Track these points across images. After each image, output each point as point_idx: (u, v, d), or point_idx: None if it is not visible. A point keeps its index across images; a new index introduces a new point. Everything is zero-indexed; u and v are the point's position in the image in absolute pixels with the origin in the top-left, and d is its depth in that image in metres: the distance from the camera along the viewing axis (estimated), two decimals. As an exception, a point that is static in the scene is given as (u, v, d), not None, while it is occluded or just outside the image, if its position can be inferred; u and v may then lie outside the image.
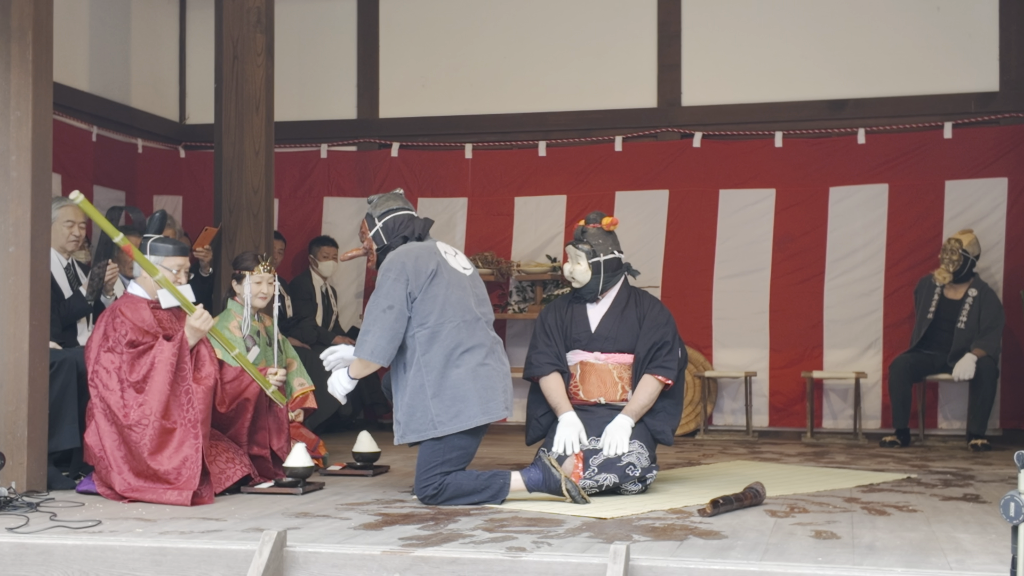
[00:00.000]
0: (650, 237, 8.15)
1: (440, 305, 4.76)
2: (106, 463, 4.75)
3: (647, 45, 8.28)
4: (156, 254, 5.02)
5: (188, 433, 4.74)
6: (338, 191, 8.68)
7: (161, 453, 4.72)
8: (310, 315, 7.91)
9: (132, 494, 4.69)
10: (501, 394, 4.80)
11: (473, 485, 4.68)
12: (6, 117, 4.91)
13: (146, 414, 4.73)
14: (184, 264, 5.08)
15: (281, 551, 3.59)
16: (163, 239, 5.07)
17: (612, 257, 5.26)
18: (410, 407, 4.74)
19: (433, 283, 4.77)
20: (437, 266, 4.82)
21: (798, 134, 8.02)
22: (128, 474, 4.73)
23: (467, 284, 4.90)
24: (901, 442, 7.27)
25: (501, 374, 4.84)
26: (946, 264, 7.28)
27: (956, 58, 7.79)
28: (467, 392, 4.71)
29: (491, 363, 4.82)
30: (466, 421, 4.70)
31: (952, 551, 3.68)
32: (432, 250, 4.88)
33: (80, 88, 7.77)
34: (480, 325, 4.85)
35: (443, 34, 8.60)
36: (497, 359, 4.86)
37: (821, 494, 5.02)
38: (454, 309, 4.78)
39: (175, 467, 4.70)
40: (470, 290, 4.90)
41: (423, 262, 4.79)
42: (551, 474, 4.67)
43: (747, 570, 3.40)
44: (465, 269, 4.96)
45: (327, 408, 6.94)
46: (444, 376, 4.72)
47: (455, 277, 4.86)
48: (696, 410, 7.94)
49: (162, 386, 4.75)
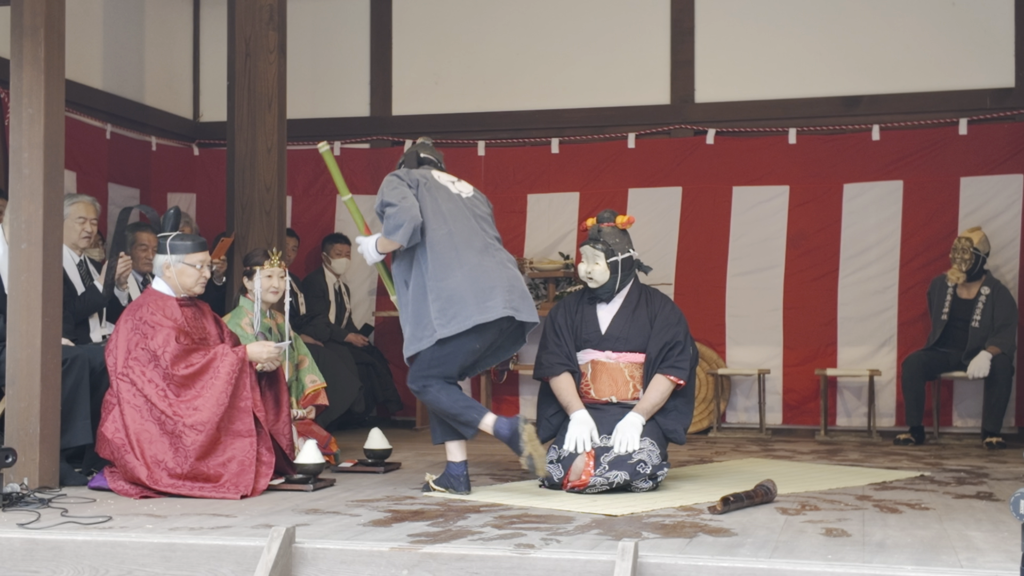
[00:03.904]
0: (663, 234, 8.13)
1: (432, 214, 4.89)
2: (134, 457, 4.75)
3: (660, 42, 8.25)
4: (176, 252, 5.05)
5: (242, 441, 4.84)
6: (351, 188, 8.64)
7: (210, 458, 4.78)
8: (323, 312, 7.93)
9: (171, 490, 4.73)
10: (502, 293, 4.84)
11: (449, 405, 4.82)
12: (18, 115, 4.93)
13: (203, 421, 4.78)
14: (206, 259, 5.12)
15: (290, 547, 3.59)
16: (181, 236, 5.10)
17: (628, 256, 5.25)
18: (414, 317, 4.87)
19: (426, 193, 4.93)
20: (426, 181, 4.98)
21: (812, 131, 7.99)
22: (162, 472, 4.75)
23: (463, 202, 5.01)
24: (915, 440, 7.24)
25: (502, 275, 4.90)
26: (958, 263, 7.24)
27: (971, 54, 7.74)
28: (464, 294, 4.80)
29: (488, 264, 4.90)
30: (462, 323, 4.78)
31: (963, 549, 3.66)
32: (423, 173, 5.04)
33: (94, 86, 7.80)
34: (477, 231, 4.95)
35: (456, 31, 8.60)
36: (496, 260, 4.93)
37: (833, 492, 5.00)
38: (449, 219, 4.90)
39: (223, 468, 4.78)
40: (467, 208, 5.00)
41: (412, 176, 4.98)
42: (518, 443, 4.76)
43: (756, 568, 3.38)
44: (462, 193, 5.07)
45: (339, 405, 6.95)
46: (442, 281, 4.82)
47: (446, 194, 5.00)
48: (709, 407, 7.92)
49: (220, 396, 4.82)
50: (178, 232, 5.13)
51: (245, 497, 4.72)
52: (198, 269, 5.06)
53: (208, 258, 5.15)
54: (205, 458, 4.77)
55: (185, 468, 4.74)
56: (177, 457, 4.76)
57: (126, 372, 4.85)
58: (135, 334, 4.91)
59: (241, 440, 4.84)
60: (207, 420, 4.78)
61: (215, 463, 4.78)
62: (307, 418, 5.93)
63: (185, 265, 5.04)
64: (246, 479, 4.78)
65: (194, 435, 4.76)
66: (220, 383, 4.85)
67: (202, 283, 5.12)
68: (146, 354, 4.85)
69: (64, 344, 5.12)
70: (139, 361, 4.85)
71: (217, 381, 4.85)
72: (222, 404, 4.82)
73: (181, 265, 5.05)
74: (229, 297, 6.82)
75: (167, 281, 5.08)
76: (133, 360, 4.86)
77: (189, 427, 4.76)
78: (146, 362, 4.85)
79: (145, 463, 4.75)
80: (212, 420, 4.79)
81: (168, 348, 4.86)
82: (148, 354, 4.85)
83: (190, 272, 5.06)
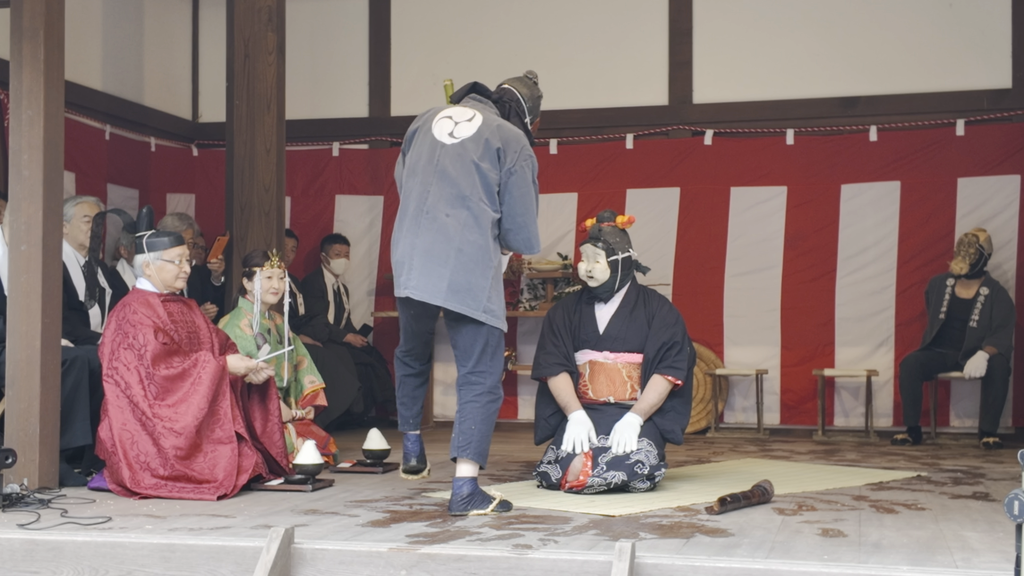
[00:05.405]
0: (661, 235, 8.15)
1: (408, 169, 4.55)
2: (117, 459, 4.78)
3: (658, 42, 8.27)
4: (154, 249, 5.07)
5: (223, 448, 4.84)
6: (350, 189, 8.70)
7: (191, 461, 4.78)
8: (322, 313, 7.94)
9: (151, 492, 4.73)
10: (406, 271, 4.41)
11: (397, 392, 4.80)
12: (18, 116, 4.95)
13: (184, 427, 4.77)
14: (184, 253, 5.14)
15: (289, 548, 3.61)
16: (156, 233, 5.12)
17: (628, 256, 5.26)
18: None
19: (416, 141, 4.57)
20: (424, 124, 4.58)
21: (810, 131, 8.01)
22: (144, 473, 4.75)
23: (443, 151, 4.45)
24: (913, 440, 7.25)
25: (416, 250, 4.39)
26: (963, 255, 7.25)
27: (968, 55, 7.76)
28: (396, 263, 4.49)
29: (408, 238, 4.43)
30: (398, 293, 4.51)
31: (959, 549, 3.68)
32: (433, 112, 4.61)
33: (93, 87, 7.81)
34: (429, 188, 4.42)
35: (454, 32, 8.62)
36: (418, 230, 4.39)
37: (830, 492, 5.02)
38: (413, 173, 4.50)
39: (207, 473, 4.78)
40: (445, 157, 4.44)
41: (415, 123, 4.63)
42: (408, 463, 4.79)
43: (752, 568, 3.40)
44: (456, 135, 4.48)
45: (337, 406, 6.97)
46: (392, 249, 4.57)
47: (427, 142, 4.51)
48: (707, 408, 7.93)
49: (201, 402, 4.82)
50: (154, 230, 5.15)
51: (223, 497, 4.70)
52: (177, 264, 5.08)
53: (187, 252, 5.17)
54: (186, 460, 4.76)
55: (167, 471, 4.74)
56: (159, 459, 4.76)
57: (111, 373, 4.87)
58: (118, 334, 4.92)
59: (222, 447, 4.85)
60: (187, 426, 4.78)
61: (197, 467, 4.78)
62: (306, 418, 5.94)
63: (164, 262, 5.06)
64: (227, 482, 4.78)
65: (173, 438, 4.76)
66: (203, 388, 4.85)
67: (183, 278, 5.13)
68: (129, 353, 4.86)
69: (64, 345, 5.14)
70: (123, 362, 4.86)
71: (200, 387, 4.85)
72: (202, 410, 4.82)
73: (160, 262, 5.07)
74: (228, 297, 6.83)
75: (149, 279, 5.10)
76: (117, 361, 4.87)
77: (169, 431, 4.76)
78: (129, 362, 4.85)
79: (128, 464, 4.76)
80: (192, 425, 4.78)
81: (148, 347, 4.86)
82: (131, 353, 4.86)
83: (169, 268, 5.08)
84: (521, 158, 4.47)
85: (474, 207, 4.39)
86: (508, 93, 4.81)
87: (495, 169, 4.44)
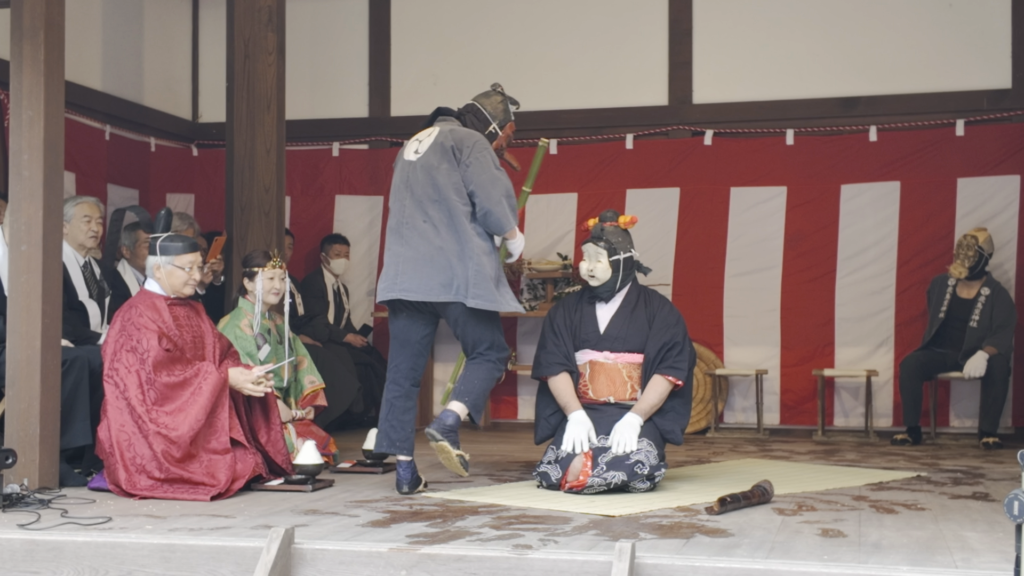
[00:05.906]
0: (661, 235, 8.15)
1: (390, 195, 5.07)
2: (114, 460, 4.78)
3: (658, 42, 8.27)
4: (167, 253, 5.05)
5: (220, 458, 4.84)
6: (350, 189, 8.71)
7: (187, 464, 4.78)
8: (322, 313, 7.94)
9: (147, 493, 4.73)
10: (391, 278, 4.90)
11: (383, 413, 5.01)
12: (18, 116, 4.95)
13: (180, 436, 4.76)
14: (196, 260, 5.13)
15: (289, 548, 3.61)
16: (172, 237, 5.11)
17: (630, 255, 5.27)
18: None
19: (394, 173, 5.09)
20: (398, 155, 5.10)
21: (810, 132, 8.01)
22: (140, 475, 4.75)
23: (411, 168, 4.96)
24: (912, 440, 7.26)
25: (401, 257, 4.90)
26: (961, 259, 7.25)
27: (968, 55, 7.76)
28: (383, 276, 4.98)
29: (395, 247, 4.94)
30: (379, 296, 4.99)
31: (958, 549, 3.68)
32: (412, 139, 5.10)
33: (93, 87, 7.81)
34: (403, 205, 4.93)
35: (454, 32, 8.62)
36: (403, 240, 4.91)
37: (830, 492, 5.02)
38: (392, 199, 5.02)
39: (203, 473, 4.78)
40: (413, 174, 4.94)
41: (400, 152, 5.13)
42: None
43: (752, 568, 3.40)
44: (419, 151, 4.99)
45: (337, 406, 6.97)
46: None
47: (401, 165, 5.04)
48: (707, 408, 7.94)
49: (199, 413, 4.82)
50: (170, 233, 5.15)
51: (218, 497, 4.70)
52: (187, 271, 5.07)
53: (199, 259, 5.15)
54: (181, 463, 4.75)
55: (162, 474, 4.74)
56: (154, 462, 4.75)
57: (111, 374, 4.86)
58: (122, 335, 4.91)
59: (217, 456, 4.84)
60: (182, 435, 4.77)
61: (192, 469, 4.77)
62: (306, 419, 5.94)
63: (174, 267, 5.05)
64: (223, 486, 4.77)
65: (168, 445, 4.75)
66: (202, 399, 4.84)
67: (192, 284, 5.12)
68: (131, 356, 4.85)
69: (64, 345, 5.14)
70: (124, 363, 4.85)
71: (199, 398, 4.85)
72: (199, 421, 4.81)
73: (170, 267, 5.06)
74: (228, 297, 6.83)
75: (158, 282, 5.09)
76: (118, 362, 4.86)
77: (165, 437, 4.76)
78: (130, 365, 4.85)
79: (124, 466, 4.76)
80: (187, 436, 4.77)
81: (151, 353, 4.86)
82: (133, 356, 4.85)
83: (179, 274, 5.07)
84: (476, 150, 4.91)
85: (444, 205, 4.86)
86: (469, 107, 5.23)
87: (454, 168, 4.89)
